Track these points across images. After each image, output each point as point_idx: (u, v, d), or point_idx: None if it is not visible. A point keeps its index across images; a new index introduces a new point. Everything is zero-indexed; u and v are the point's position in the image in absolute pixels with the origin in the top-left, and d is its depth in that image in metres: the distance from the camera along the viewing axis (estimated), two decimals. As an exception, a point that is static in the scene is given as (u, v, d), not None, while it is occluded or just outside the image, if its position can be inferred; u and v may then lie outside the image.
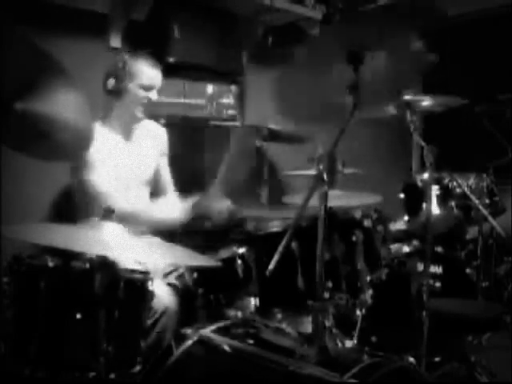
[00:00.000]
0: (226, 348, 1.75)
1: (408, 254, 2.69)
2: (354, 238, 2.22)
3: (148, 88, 2.46)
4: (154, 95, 2.49)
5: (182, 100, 3.08)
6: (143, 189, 2.60)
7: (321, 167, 1.72)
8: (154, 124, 2.70)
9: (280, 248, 1.72)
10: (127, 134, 2.55)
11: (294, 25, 3.46)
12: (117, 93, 2.46)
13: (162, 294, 2.10)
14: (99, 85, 2.50)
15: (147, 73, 2.46)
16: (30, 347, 1.62)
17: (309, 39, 3.21)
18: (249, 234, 2.20)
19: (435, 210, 2.54)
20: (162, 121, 2.81)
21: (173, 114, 2.94)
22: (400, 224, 2.76)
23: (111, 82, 2.45)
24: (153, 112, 2.61)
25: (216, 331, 1.83)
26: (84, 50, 2.78)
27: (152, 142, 2.65)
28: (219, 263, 1.86)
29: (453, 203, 2.60)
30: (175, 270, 2.30)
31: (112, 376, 1.63)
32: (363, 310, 2.17)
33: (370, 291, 2.22)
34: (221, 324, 1.89)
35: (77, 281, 1.67)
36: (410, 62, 1.89)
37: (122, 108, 2.49)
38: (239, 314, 2.07)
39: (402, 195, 2.75)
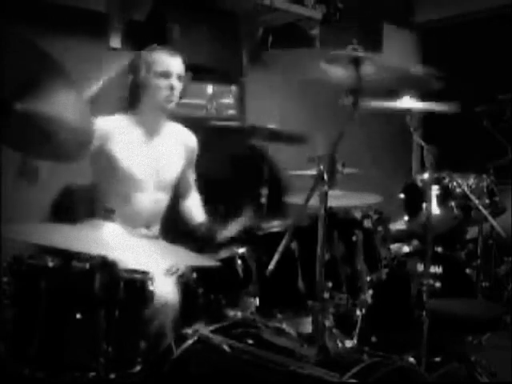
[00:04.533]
0: (226, 348, 1.75)
1: (408, 254, 2.69)
2: (354, 238, 2.22)
3: (165, 74, 2.43)
4: (175, 82, 2.45)
5: (182, 100, 3.07)
6: (161, 194, 2.53)
7: (321, 167, 1.73)
8: (184, 130, 2.66)
9: (280, 248, 1.72)
10: (152, 130, 2.52)
11: (294, 25, 3.46)
12: (138, 87, 2.46)
13: (164, 286, 2.07)
14: (99, 85, 2.50)
15: (161, 59, 2.44)
16: (29, 347, 1.62)
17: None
18: (249, 234, 2.20)
19: (435, 210, 2.53)
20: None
21: (173, 114, 2.93)
22: (400, 224, 2.75)
23: (130, 77, 2.47)
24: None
25: (216, 331, 1.83)
26: (84, 50, 2.78)
27: (179, 148, 2.60)
28: (219, 263, 1.85)
29: (453, 203, 2.60)
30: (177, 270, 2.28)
31: (112, 376, 1.63)
32: (363, 310, 2.18)
33: (370, 291, 2.22)
34: (221, 324, 1.89)
35: (77, 281, 1.67)
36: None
37: (147, 103, 2.48)
38: (239, 313, 2.07)
39: (402, 195, 2.74)
